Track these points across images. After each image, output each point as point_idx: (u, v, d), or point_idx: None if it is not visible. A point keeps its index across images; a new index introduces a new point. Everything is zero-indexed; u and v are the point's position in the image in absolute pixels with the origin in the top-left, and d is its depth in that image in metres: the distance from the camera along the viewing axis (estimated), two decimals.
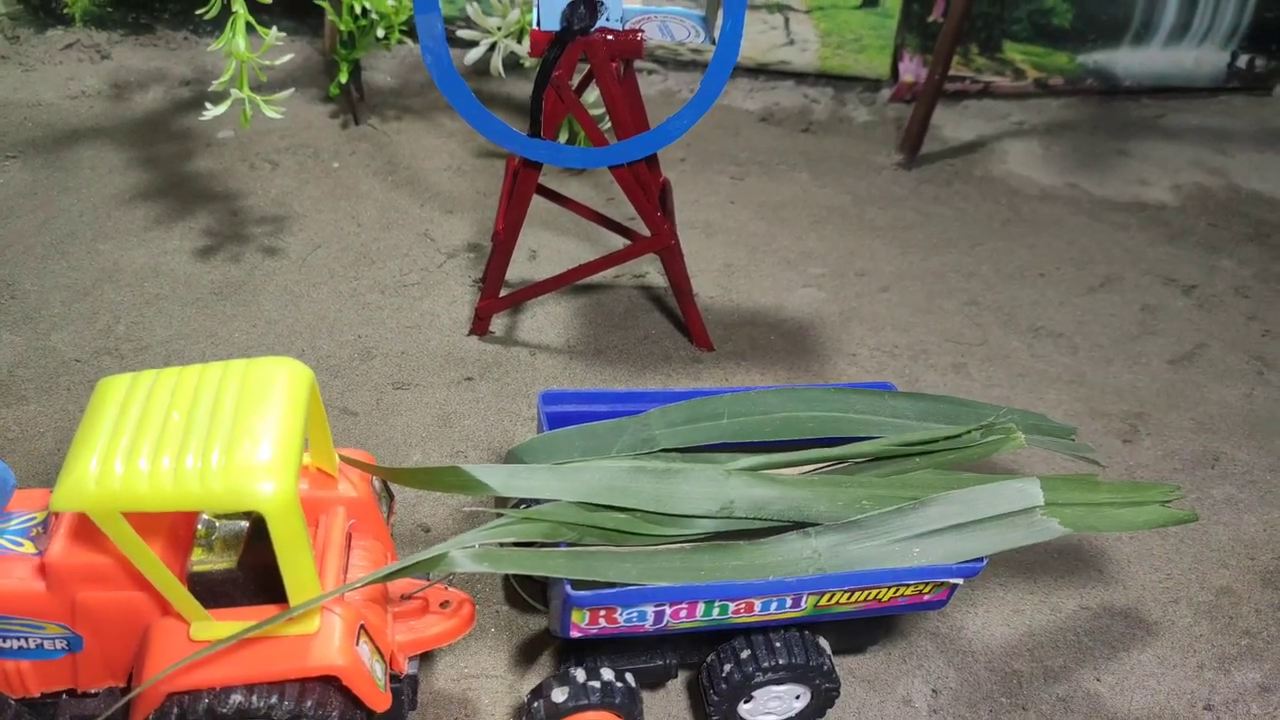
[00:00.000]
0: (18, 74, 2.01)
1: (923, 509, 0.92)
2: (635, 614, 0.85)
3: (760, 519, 0.93)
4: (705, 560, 0.85)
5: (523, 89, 2.11)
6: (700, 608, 0.86)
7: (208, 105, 1.41)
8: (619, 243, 1.68)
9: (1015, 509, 0.93)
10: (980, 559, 0.90)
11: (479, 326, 1.47)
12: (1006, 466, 1.32)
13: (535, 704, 0.91)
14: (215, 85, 1.39)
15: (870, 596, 0.90)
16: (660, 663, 0.97)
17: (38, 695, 0.85)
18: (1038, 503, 0.93)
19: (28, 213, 1.65)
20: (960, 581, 0.91)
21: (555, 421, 0.99)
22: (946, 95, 2.20)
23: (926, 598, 0.92)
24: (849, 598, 0.89)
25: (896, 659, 1.09)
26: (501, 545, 0.86)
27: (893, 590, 0.90)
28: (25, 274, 1.51)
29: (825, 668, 0.94)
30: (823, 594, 0.88)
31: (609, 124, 1.65)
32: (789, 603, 0.88)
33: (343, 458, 0.93)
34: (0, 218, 1.63)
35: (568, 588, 0.81)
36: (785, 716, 0.98)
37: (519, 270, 1.62)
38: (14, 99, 1.95)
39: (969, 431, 1.01)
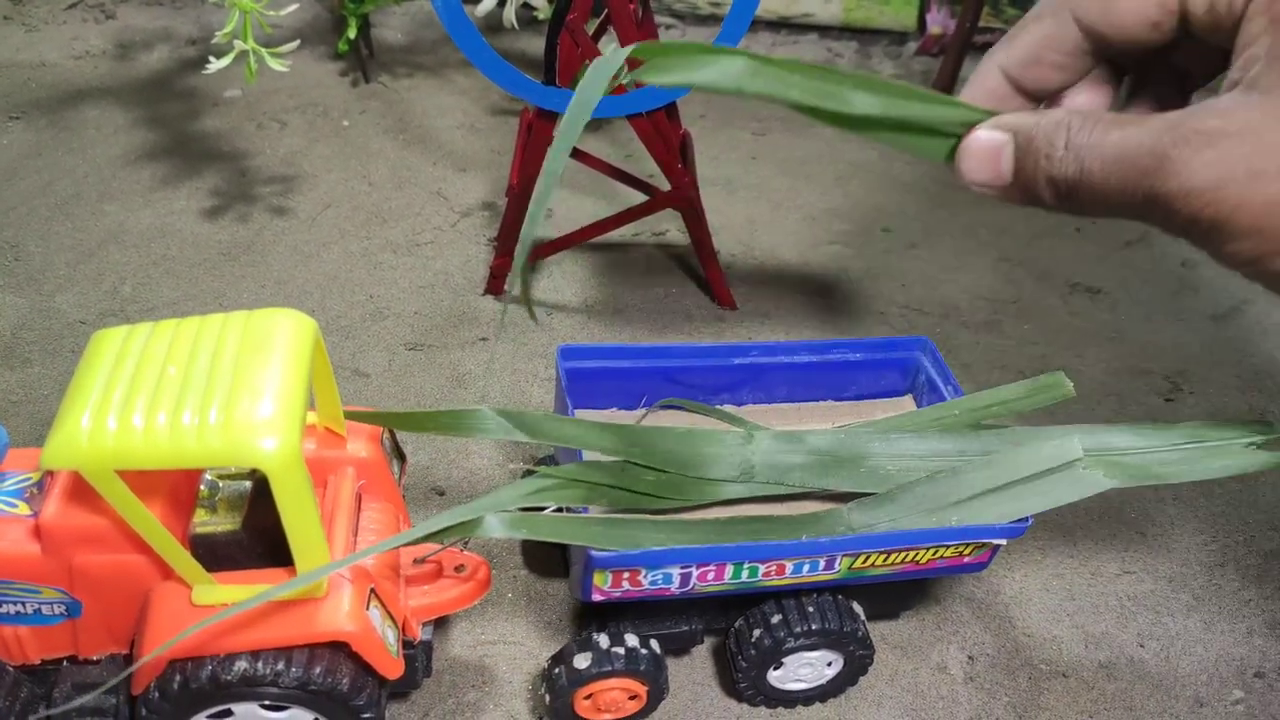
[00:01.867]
0: (21, 34, 1.97)
1: (958, 477, 0.87)
2: (660, 576, 0.81)
3: (783, 485, 0.88)
4: (740, 531, 0.80)
5: (537, 45, 2.05)
6: (729, 569, 0.82)
7: (211, 59, 1.37)
8: (638, 200, 1.63)
9: (1055, 465, 0.88)
10: (1024, 519, 0.85)
11: (494, 285, 1.42)
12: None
13: (556, 670, 0.87)
14: (219, 37, 1.34)
15: (907, 558, 0.85)
16: (685, 628, 0.93)
17: (38, 662, 0.81)
18: (1076, 456, 0.87)
19: (32, 174, 1.61)
20: (1003, 543, 0.86)
21: (574, 377, 0.95)
22: (975, 48, 2.12)
23: (967, 560, 0.87)
24: (885, 559, 0.84)
25: (931, 625, 1.04)
26: (527, 510, 0.82)
27: (931, 551, 0.85)
28: (29, 235, 1.48)
29: (859, 634, 0.90)
30: (857, 556, 0.83)
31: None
32: (822, 565, 0.84)
33: (351, 414, 0.88)
34: (4, 179, 1.59)
35: (590, 549, 0.77)
36: (816, 684, 0.94)
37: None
38: (17, 60, 1.91)
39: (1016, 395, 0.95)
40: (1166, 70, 0.68)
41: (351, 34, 1.84)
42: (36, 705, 0.81)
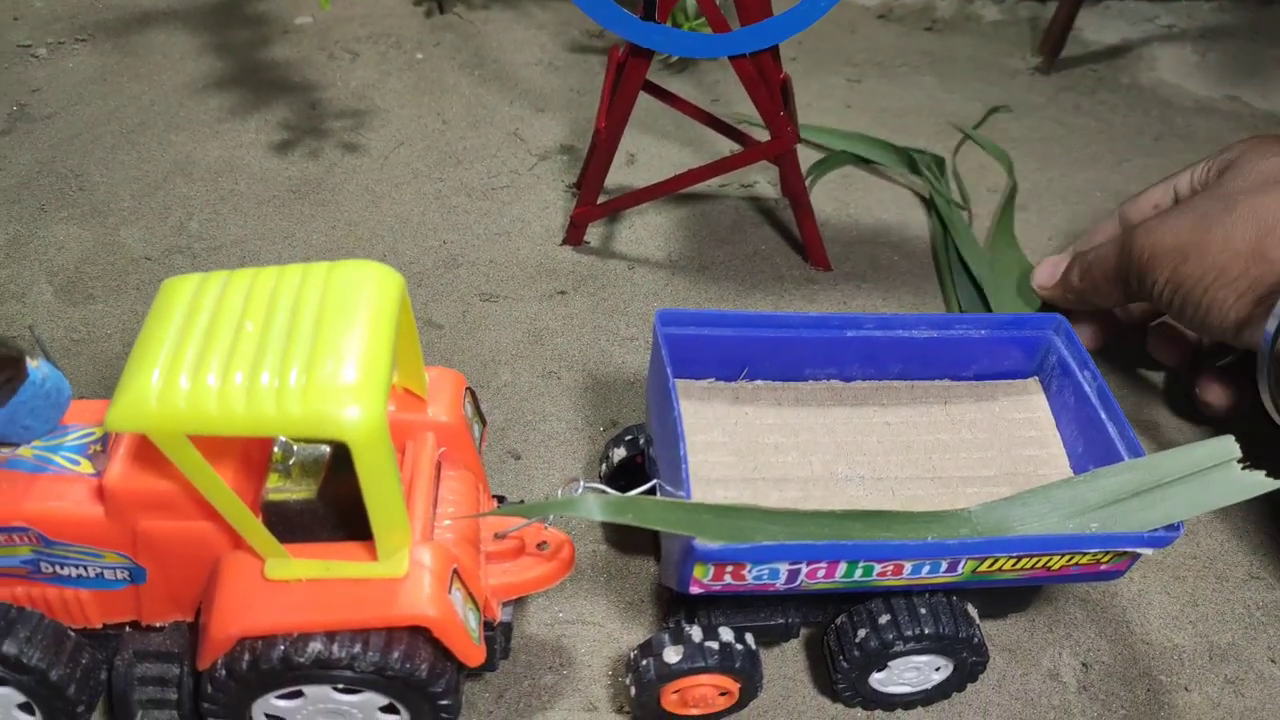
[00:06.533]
0: None
1: (1098, 480, 0.78)
2: (767, 571, 0.74)
3: None
4: (856, 528, 0.72)
5: None
6: (842, 568, 0.74)
7: None
8: (725, 146, 1.53)
9: (1208, 466, 0.79)
10: (1175, 526, 0.76)
11: (574, 235, 1.34)
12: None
13: (644, 662, 0.80)
14: None
15: (1039, 564, 0.77)
16: (781, 621, 0.86)
17: (99, 626, 0.77)
18: (1234, 455, 0.78)
19: (97, 100, 1.55)
20: (1149, 551, 0.77)
21: (673, 344, 0.87)
22: None
23: (1104, 567, 0.79)
24: (1015, 564, 0.76)
25: (1042, 627, 0.96)
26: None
27: (1066, 558, 0.77)
28: (94, 164, 1.42)
29: (975, 640, 0.82)
30: (985, 559, 0.75)
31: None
32: (944, 567, 0.76)
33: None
34: (69, 104, 1.54)
35: (694, 540, 0.70)
36: (920, 688, 0.87)
37: (616, 176, 1.48)
38: None
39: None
40: None
41: None
42: (98, 670, 0.76)
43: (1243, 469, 0.78)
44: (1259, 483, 0.77)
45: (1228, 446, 0.79)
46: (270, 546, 0.70)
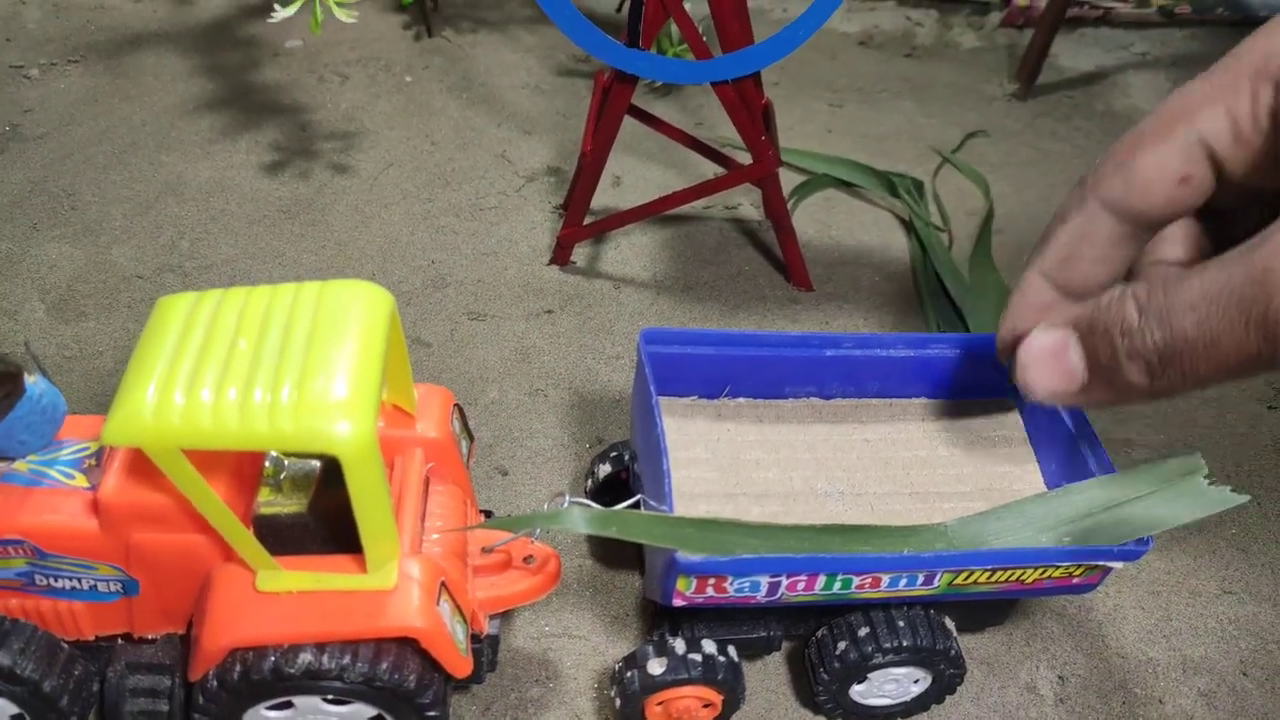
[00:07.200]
0: None
1: (1068, 496, 0.81)
2: (748, 584, 0.75)
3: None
4: (835, 542, 0.74)
5: (606, 1, 1.97)
6: (821, 580, 0.76)
7: (276, 7, 1.31)
8: (709, 169, 1.56)
9: (1175, 481, 0.81)
10: (1144, 540, 0.78)
11: (560, 256, 1.36)
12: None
13: (629, 674, 0.82)
14: None
15: (1013, 577, 0.79)
16: (763, 634, 0.88)
17: (92, 638, 0.78)
18: (1200, 469, 0.80)
19: (89, 120, 1.57)
20: (1119, 565, 0.79)
21: (657, 362, 0.89)
22: (1069, 23, 2.02)
23: (1076, 581, 0.81)
24: (989, 577, 0.78)
25: (1019, 640, 0.98)
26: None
27: (1039, 571, 0.79)
28: (86, 184, 1.44)
29: (952, 652, 0.84)
30: (960, 572, 0.77)
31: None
32: (920, 580, 0.78)
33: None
34: (61, 125, 1.55)
35: (676, 553, 0.72)
36: (899, 700, 0.88)
37: (601, 197, 1.50)
38: (76, 1, 1.87)
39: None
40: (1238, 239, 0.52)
41: None
42: (90, 682, 0.77)
43: (1209, 484, 0.80)
44: (1225, 497, 0.79)
45: (1194, 462, 0.81)
46: (261, 559, 0.71)
